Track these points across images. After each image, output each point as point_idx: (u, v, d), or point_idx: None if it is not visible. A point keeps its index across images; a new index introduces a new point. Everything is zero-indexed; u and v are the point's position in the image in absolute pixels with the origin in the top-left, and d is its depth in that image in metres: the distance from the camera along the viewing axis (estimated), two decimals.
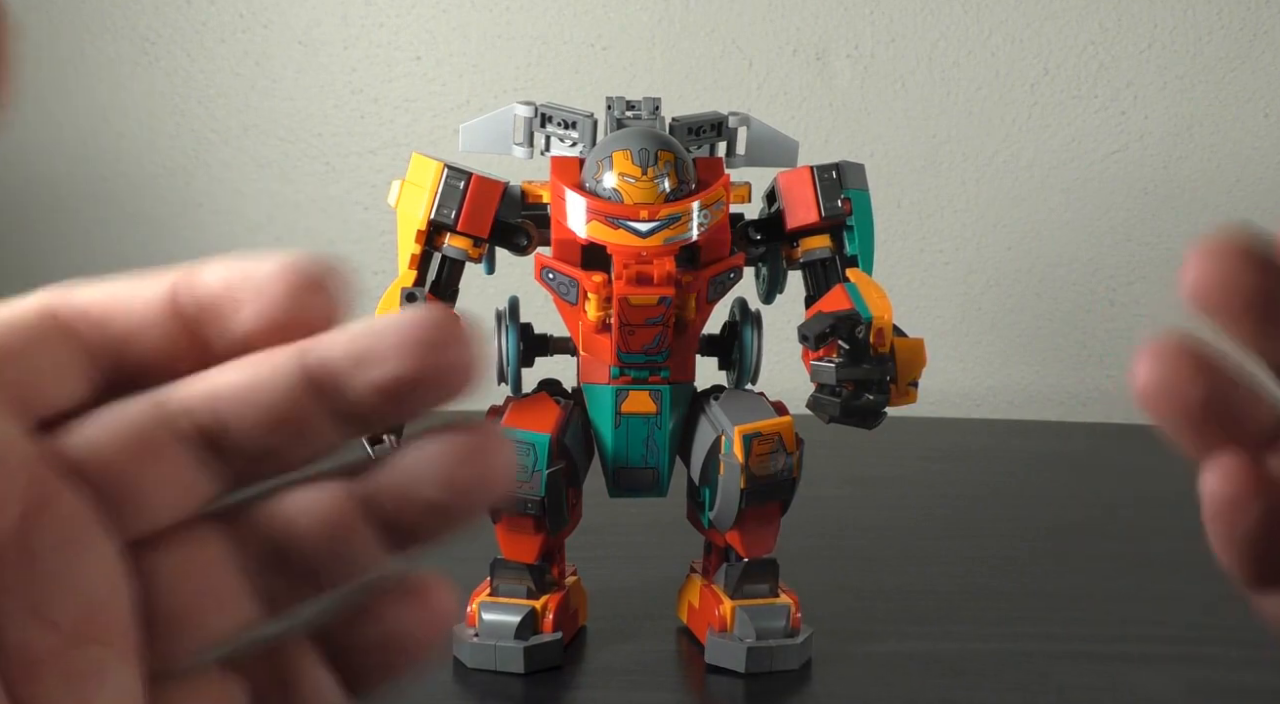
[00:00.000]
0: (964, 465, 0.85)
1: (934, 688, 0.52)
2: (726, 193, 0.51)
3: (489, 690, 0.51)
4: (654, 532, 0.65)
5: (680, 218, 0.49)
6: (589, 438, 0.54)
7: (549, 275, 0.51)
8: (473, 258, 0.52)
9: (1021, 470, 0.84)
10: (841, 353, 0.48)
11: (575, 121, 0.53)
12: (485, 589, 0.54)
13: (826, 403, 0.48)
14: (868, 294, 0.50)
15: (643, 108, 0.53)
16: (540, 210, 0.53)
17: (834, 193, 0.53)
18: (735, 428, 0.50)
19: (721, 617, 0.53)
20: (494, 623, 0.52)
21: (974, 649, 0.56)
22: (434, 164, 0.51)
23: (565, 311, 0.52)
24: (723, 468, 0.50)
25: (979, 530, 0.72)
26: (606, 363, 0.52)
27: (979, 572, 0.65)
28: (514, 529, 0.52)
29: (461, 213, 0.51)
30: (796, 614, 0.53)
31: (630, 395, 0.53)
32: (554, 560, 0.55)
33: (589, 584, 0.57)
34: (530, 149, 0.54)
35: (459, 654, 0.53)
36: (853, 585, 0.62)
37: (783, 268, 0.55)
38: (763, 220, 0.54)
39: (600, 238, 0.49)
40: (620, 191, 0.49)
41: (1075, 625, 0.58)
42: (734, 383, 0.56)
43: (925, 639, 0.56)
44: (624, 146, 0.49)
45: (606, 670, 0.53)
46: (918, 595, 0.61)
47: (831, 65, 0.99)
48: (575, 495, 0.54)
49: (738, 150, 0.55)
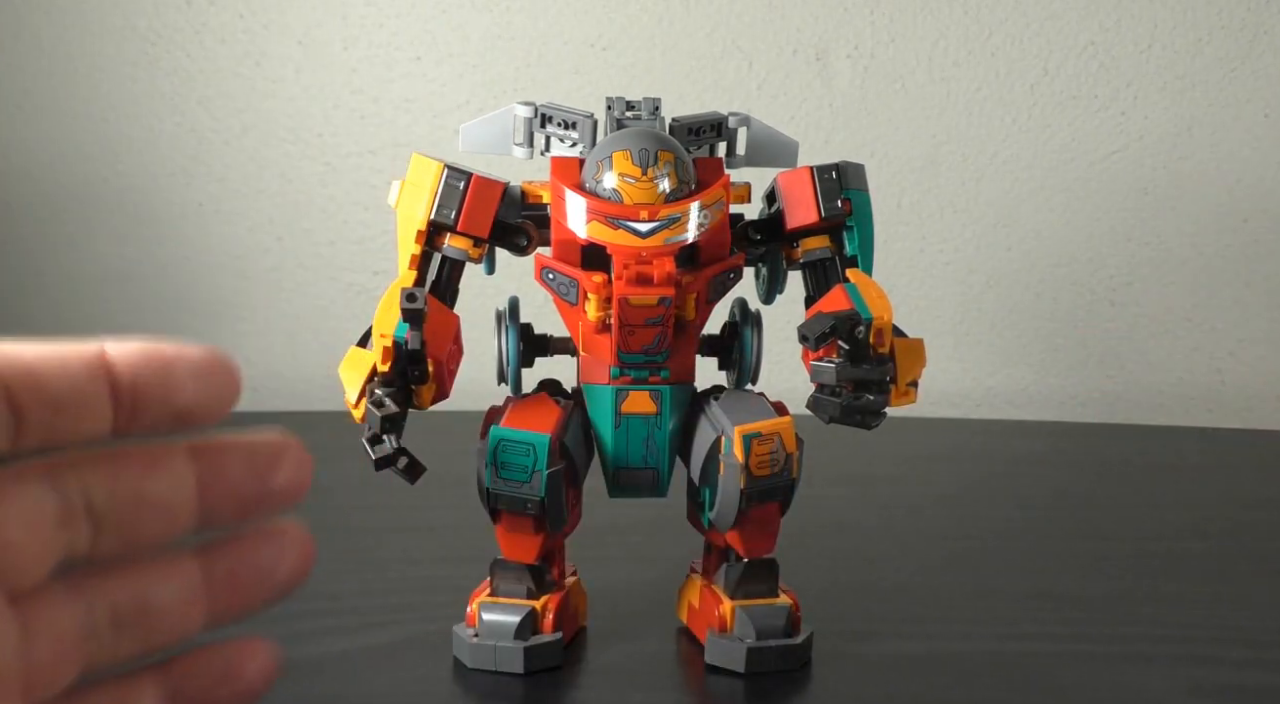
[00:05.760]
0: (964, 465, 0.85)
1: (934, 688, 0.52)
2: (726, 193, 0.51)
3: (489, 690, 0.51)
4: (654, 532, 0.65)
5: (680, 218, 0.49)
6: (589, 438, 0.54)
7: (549, 275, 0.51)
8: (473, 258, 0.52)
9: (1021, 470, 0.84)
10: (841, 353, 0.48)
11: (575, 122, 0.53)
12: (485, 589, 0.54)
13: (826, 403, 0.48)
14: (868, 294, 0.50)
15: (643, 108, 0.53)
16: (540, 210, 0.53)
17: (834, 193, 0.53)
18: (735, 428, 0.50)
19: (721, 617, 0.53)
20: (494, 623, 0.52)
21: (974, 649, 0.56)
22: (434, 164, 0.51)
23: (565, 312, 0.52)
24: (723, 468, 0.50)
25: (979, 530, 0.72)
26: (606, 363, 0.52)
27: (979, 572, 0.65)
28: (514, 529, 0.52)
29: (461, 213, 0.51)
30: (797, 614, 0.53)
31: (630, 395, 0.53)
32: (554, 561, 0.55)
33: (589, 584, 0.57)
34: (530, 149, 0.54)
35: (459, 654, 0.53)
36: (853, 585, 0.62)
37: (783, 268, 0.55)
38: (763, 220, 0.54)
39: (600, 238, 0.49)
40: (620, 192, 0.49)
41: (1075, 625, 0.58)
42: (734, 383, 0.56)
43: (925, 639, 0.56)
44: (624, 147, 0.49)
45: (606, 670, 0.53)
46: (918, 595, 0.61)
47: (831, 65, 0.99)
48: (575, 496, 0.54)
49: (738, 150, 0.55)
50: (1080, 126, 1.01)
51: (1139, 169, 1.02)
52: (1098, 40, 1.00)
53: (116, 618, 0.31)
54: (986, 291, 1.04)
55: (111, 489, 0.30)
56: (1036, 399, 1.06)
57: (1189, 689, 0.52)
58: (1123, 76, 1.01)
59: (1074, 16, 1.00)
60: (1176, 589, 0.63)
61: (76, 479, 0.29)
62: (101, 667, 0.31)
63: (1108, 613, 0.60)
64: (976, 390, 1.05)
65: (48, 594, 0.29)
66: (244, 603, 0.33)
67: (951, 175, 1.02)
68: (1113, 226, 1.03)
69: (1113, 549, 0.69)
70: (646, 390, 0.53)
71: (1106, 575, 0.65)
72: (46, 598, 0.29)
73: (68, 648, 0.30)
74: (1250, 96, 1.01)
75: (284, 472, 0.32)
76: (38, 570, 0.29)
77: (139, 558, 0.32)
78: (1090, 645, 0.56)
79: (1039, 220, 1.03)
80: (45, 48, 0.98)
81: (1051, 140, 1.02)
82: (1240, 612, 0.61)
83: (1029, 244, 1.03)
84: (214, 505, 0.31)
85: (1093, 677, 0.53)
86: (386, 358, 0.47)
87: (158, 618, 0.31)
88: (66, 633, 0.30)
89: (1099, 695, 0.52)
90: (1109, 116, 1.01)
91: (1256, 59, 1.01)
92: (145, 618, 0.31)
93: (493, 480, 0.50)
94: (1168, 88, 1.01)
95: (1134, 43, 1.00)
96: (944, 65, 1.00)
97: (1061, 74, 1.00)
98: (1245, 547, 0.70)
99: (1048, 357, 1.05)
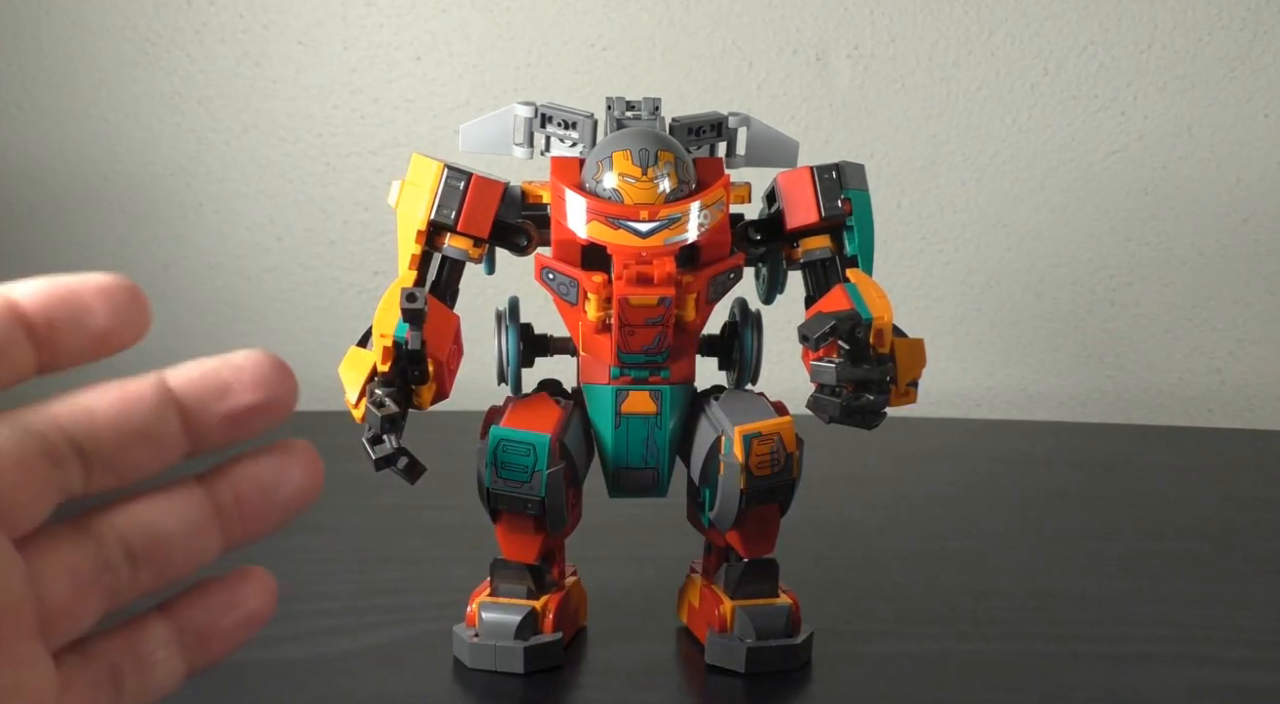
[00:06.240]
0: (964, 465, 0.85)
1: (934, 688, 0.52)
2: (726, 193, 0.51)
3: (489, 690, 0.51)
4: (654, 532, 0.65)
5: (680, 218, 0.49)
6: (589, 438, 0.54)
7: (549, 275, 0.51)
8: (473, 258, 0.52)
9: (1021, 470, 0.84)
10: (842, 353, 0.48)
11: (575, 122, 0.53)
12: (485, 589, 0.54)
13: (826, 403, 0.48)
14: (868, 294, 0.50)
15: (643, 108, 0.53)
16: (540, 210, 0.53)
17: (834, 193, 0.53)
18: (735, 428, 0.50)
19: (721, 617, 0.53)
20: (494, 623, 0.52)
21: (974, 649, 0.56)
22: (434, 164, 0.51)
23: (565, 312, 0.52)
24: (723, 468, 0.50)
25: (979, 530, 0.72)
26: (606, 363, 0.52)
27: (979, 572, 0.65)
28: (514, 529, 0.52)
29: (461, 213, 0.51)
30: (797, 614, 0.53)
31: (630, 396, 0.53)
32: (554, 561, 0.55)
33: (589, 584, 0.57)
34: (530, 149, 0.54)
35: (459, 654, 0.53)
36: (853, 585, 0.62)
37: (783, 268, 0.55)
38: (763, 220, 0.54)
39: (600, 238, 0.49)
40: (620, 192, 0.49)
41: (1075, 625, 0.58)
42: (734, 383, 0.56)
43: (925, 639, 0.56)
44: (624, 147, 0.49)
45: (606, 670, 0.53)
46: (918, 595, 0.61)
47: (831, 65, 0.99)
48: (575, 495, 0.54)
49: (738, 150, 0.55)
50: (1080, 126, 1.01)
51: (1139, 169, 1.02)
52: (1098, 40, 1.00)
53: (129, 552, 0.32)
54: (986, 291, 1.04)
55: (89, 422, 0.31)
56: (1036, 399, 1.06)
57: (1189, 689, 0.52)
58: (1123, 76, 1.01)
59: (1074, 16, 1.00)
60: (1176, 589, 0.63)
61: (48, 417, 0.30)
62: (126, 602, 0.32)
63: (1108, 613, 0.60)
64: (976, 390, 1.05)
65: (55, 534, 0.31)
66: (256, 524, 0.34)
67: (951, 175, 1.02)
68: (1113, 226, 1.03)
69: (1113, 549, 0.69)
70: (646, 390, 0.53)
71: (1106, 575, 0.65)
72: (54, 538, 0.31)
73: (84, 585, 0.31)
74: (1250, 96, 1.01)
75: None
76: (37, 509, 0.30)
77: (140, 492, 0.33)
78: (1090, 645, 0.56)
79: (1039, 220, 1.03)
80: (45, 48, 0.98)
81: (1051, 140, 1.02)
82: (1240, 612, 0.61)
83: (1029, 244, 1.03)
84: (202, 430, 0.32)
85: (1093, 677, 0.53)
86: (386, 358, 0.47)
87: (171, 548, 0.32)
88: (80, 570, 0.31)
89: (1099, 695, 0.52)
90: (1109, 116, 1.01)
91: (1256, 59, 1.01)
92: (159, 549, 0.32)
93: (493, 480, 0.50)
94: (1168, 88, 1.01)
95: (1134, 43, 1.00)
96: (944, 65, 1.00)
97: (1061, 74, 1.00)
98: (1245, 547, 0.70)
99: (1048, 356, 1.05)
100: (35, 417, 0.30)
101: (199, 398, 0.32)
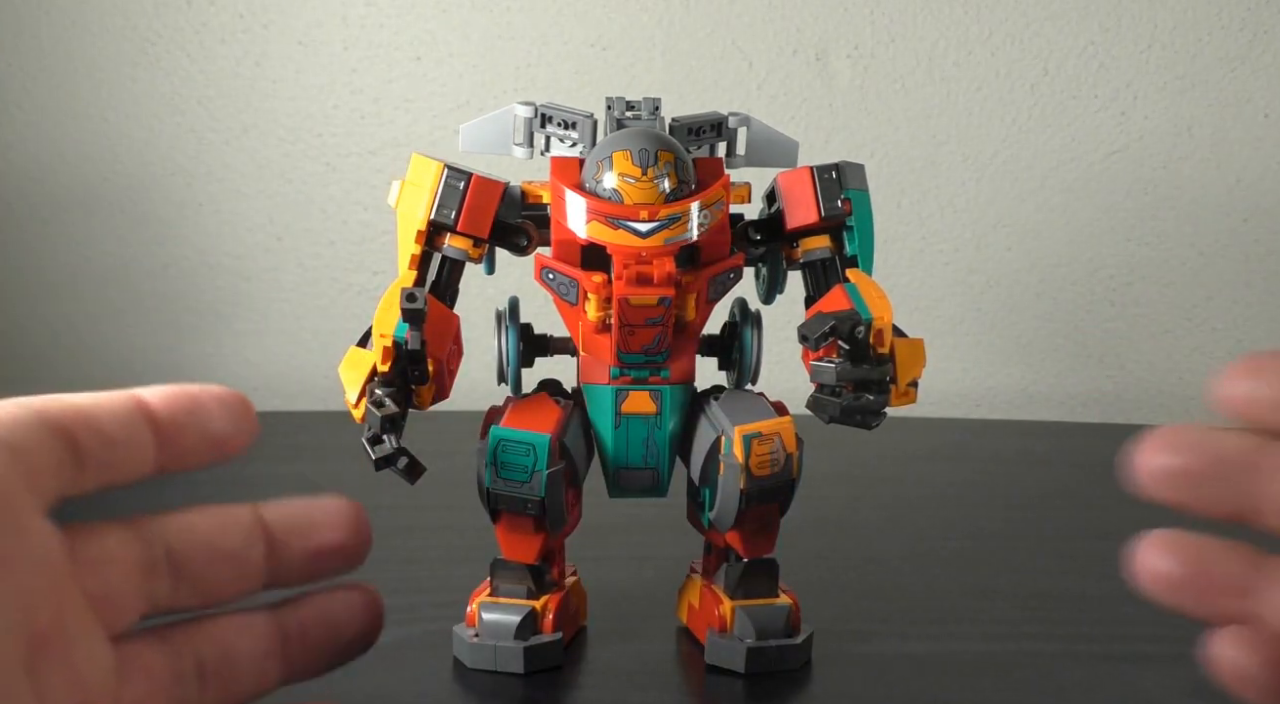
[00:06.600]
0: (964, 465, 0.85)
1: (934, 688, 0.52)
2: (726, 193, 0.51)
3: (489, 690, 0.51)
4: (654, 532, 0.65)
5: (680, 218, 0.49)
6: (589, 438, 0.54)
7: (549, 275, 0.51)
8: (473, 258, 0.52)
9: (1021, 470, 0.84)
10: (841, 353, 0.48)
11: (575, 122, 0.53)
12: (485, 589, 0.54)
13: (826, 403, 0.48)
14: (868, 294, 0.50)
15: (643, 108, 0.53)
16: (540, 210, 0.53)
17: (834, 193, 0.53)
18: (735, 428, 0.50)
19: (721, 617, 0.53)
20: (494, 623, 0.52)
21: (974, 649, 0.56)
22: (434, 164, 0.51)
23: (565, 312, 0.52)
24: (723, 468, 0.50)
25: (979, 530, 0.72)
26: (606, 363, 0.52)
27: (979, 572, 0.65)
28: (514, 529, 0.52)
29: (461, 213, 0.51)
30: (796, 614, 0.53)
31: (630, 396, 0.53)
32: (554, 561, 0.55)
33: (589, 584, 0.57)
34: (530, 149, 0.54)
35: (459, 654, 0.53)
36: (853, 585, 0.62)
37: (783, 268, 0.55)
38: (763, 220, 0.54)
39: (600, 238, 0.49)
40: (620, 192, 0.49)
41: (1075, 625, 0.58)
42: (734, 383, 0.56)
43: (925, 639, 0.56)
44: (624, 147, 0.49)
45: (606, 670, 0.53)
46: (918, 595, 0.61)
47: (831, 65, 0.99)
48: (575, 495, 0.54)
49: (738, 150, 0.55)
50: (1080, 126, 1.01)
51: (1139, 169, 1.02)
52: (1098, 40, 1.00)
53: (200, 667, 0.33)
54: (986, 291, 1.04)
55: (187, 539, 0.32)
56: (1036, 399, 1.06)
57: (1189, 689, 0.52)
58: (1123, 76, 1.01)
59: (1074, 16, 1.00)
60: None
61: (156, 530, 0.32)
62: None
63: (1108, 613, 0.60)
64: (976, 390, 1.05)
65: (139, 640, 0.32)
66: (316, 659, 0.36)
67: (951, 175, 1.02)
68: (1113, 226, 1.03)
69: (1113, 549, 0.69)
70: (646, 390, 0.53)
71: (1106, 575, 0.65)
72: (138, 643, 0.32)
73: (158, 690, 0.32)
74: (1250, 96, 1.01)
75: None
76: (130, 613, 0.32)
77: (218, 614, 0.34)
78: (1090, 645, 0.56)
79: (1039, 220, 1.03)
80: (45, 48, 0.98)
81: (1051, 140, 1.02)
82: None
83: (1029, 244, 1.03)
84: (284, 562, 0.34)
85: (1092, 677, 0.53)
86: (386, 358, 0.47)
87: (238, 670, 0.34)
88: (157, 676, 0.32)
89: (1099, 695, 0.52)
90: (1109, 116, 1.01)
91: (1256, 59, 1.01)
92: (226, 669, 0.34)
93: (493, 480, 0.50)
94: (1168, 88, 1.01)
95: (1134, 43, 1.00)
96: (944, 65, 1.00)
97: (1061, 74, 1.00)
98: None
99: (1048, 356, 1.05)
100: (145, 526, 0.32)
101: (287, 530, 0.34)
